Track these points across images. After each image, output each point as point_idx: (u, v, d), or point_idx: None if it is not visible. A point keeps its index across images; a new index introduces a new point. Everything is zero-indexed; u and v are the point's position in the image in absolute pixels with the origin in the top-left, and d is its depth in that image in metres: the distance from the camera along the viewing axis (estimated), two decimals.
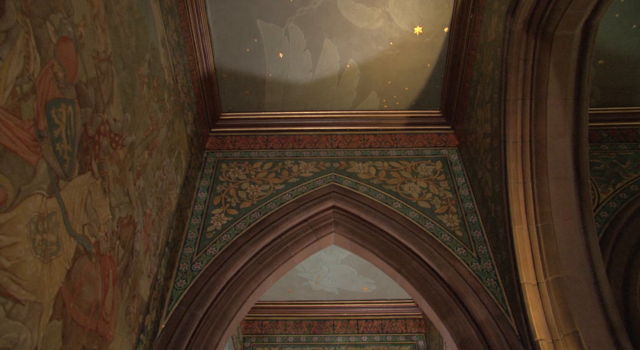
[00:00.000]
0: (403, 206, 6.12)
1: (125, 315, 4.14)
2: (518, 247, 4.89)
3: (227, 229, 5.89)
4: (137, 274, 4.40)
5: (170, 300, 5.18)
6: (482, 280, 5.31)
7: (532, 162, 4.99)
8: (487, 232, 5.75)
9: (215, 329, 5.14)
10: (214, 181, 6.54)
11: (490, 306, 5.08)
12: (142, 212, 4.55)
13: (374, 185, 6.39)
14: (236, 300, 5.42)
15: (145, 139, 4.70)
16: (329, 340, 9.66)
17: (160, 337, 4.86)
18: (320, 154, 6.90)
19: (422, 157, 6.84)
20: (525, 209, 4.97)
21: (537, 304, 4.66)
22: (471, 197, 6.22)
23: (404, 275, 5.66)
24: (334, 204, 6.26)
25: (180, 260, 5.56)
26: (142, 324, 4.52)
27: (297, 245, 5.99)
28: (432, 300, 5.38)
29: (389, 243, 5.91)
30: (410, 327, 9.81)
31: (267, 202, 6.21)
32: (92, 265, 3.53)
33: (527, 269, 4.81)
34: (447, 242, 5.71)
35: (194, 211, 6.13)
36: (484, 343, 4.89)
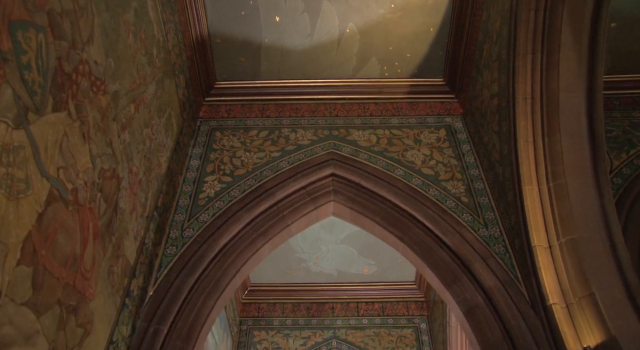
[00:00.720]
0: (405, 173, 5.83)
1: (108, 274, 3.84)
2: (529, 209, 4.60)
3: (220, 196, 5.60)
4: (121, 233, 4.11)
5: (160, 267, 4.89)
6: (489, 246, 5.02)
7: (543, 120, 4.69)
8: (495, 198, 5.45)
9: (207, 297, 4.85)
10: (207, 149, 6.24)
11: (499, 272, 4.79)
12: (127, 168, 4.26)
13: (374, 153, 6.09)
14: (229, 268, 5.13)
15: (132, 91, 4.40)
16: (328, 323, 9.37)
17: (147, 304, 4.57)
18: (319, 122, 6.60)
19: (425, 125, 6.55)
20: (535, 169, 4.68)
21: (549, 267, 4.37)
22: (477, 164, 5.92)
23: (407, 243, 5.37)
24: (333, 172, 5.96)
25: (171, 227, 5.27)
26: (128, 288, 4.23)
27: (294, 213, 5.69)
28: (437, 269, 5.10)
29: (390, 211, 5.61)
30: (412, 310, 9.52)
31: (263, 169, 5.92)
32: (69, 214, 3.24)
33: (538, 231, 4.52)
34: (453, 209, 5.42)
35: (185, 178, 5.84)
36: (492, 310, 4.60)
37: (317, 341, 9.09)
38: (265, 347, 9.08)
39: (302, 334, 9.21)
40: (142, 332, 4.36)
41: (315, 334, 9.20)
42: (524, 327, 4.37)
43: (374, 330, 9.23)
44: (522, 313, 4.46)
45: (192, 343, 4.55)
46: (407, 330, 9.26)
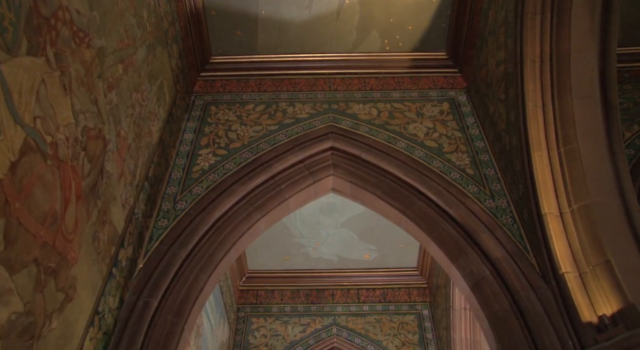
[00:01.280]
0: (408, 146, 5.59)
1: (93, 240, 3.61)
2: (538, 176, 4.37)
3: (214, 169, 5.36)
4: (108, 198, 3.88)
5: (150, 240, 4.66)
6: (497, 218, 4.79)
7: (553, 82, 4.46)
8: (501, 169, 5.22)
9: (200, 272, 4.62)
10: (202, 122, 6.01)
11: (507, 243, 4.55)
12: (114, 130, 4.03)
13: (375, 126, 5.86)
14: (224, 242, 4.89)
15: (119, 51, 4.17)
16: (328, 309, 9.14)
17: (137, 277, 4.34)
18: (318, 96, 6.37)
19: (427, 98, 6.31)
20: (545, 134, 4.45)
21: (561, 235, 4.13)
22: (482, 137, 5.69)
23: (410, 217, 5.14)
24: (332, 145, 5.73)
25: (163, 199, 5.03)
26: (115, 257, 4.00)
27: (292, 187, 5.46)
28: (442, 242, 4.86)
29: (392, 184, 5.38)
30: (414, 296, 9.29)
31: (259, 142, 5.69)
32: (48, 169, 3.01)
33: (548, 198, 4.28)
34: (457, 180, 5.18)
35: (179, 151, 5.60)
36: (500, 282, 4.37)
37: (317, 328, 8.86)
38: (263, 334, 8.85)
39: (302, 321, 8.98)
40: (130, 304, 4.13)
41: (315, 320, 8.97)
42: (534, 298, 4.13)
43: (375, 317, 9.00)
44: (531, 284, 4.23)
45: (184, 318, 4.31)
46: (409, 316, 9.03)
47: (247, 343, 8.73)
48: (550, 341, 3.84)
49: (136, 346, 3.91)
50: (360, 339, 8.66)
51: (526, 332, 4.01)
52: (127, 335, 3.94)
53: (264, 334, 8.84)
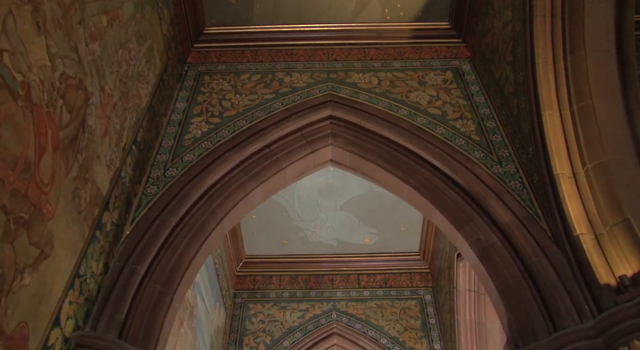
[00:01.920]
0: (410, 113, 5.34)
1: (73, 197, 3.35)
2: (549, 136, 4.11)
3: (207, 137, 5.10)
4: (90, 154, 3.62)
5: (138, 206, 4.40)
6: (505, 183, 4.53)
7: (565, 37, 4.20)
8: (509, 135, 4.96)
9: (191, 240, 4.36)
10: (195, 92, 5.75)
11: (516, 208, 4.30)
12: (98, 84, 3.77)
13: (376, 94, 5.60)
14: (216, 211, 4.64)
15: (103, 0, 3.90)
16: (328, 295, 8.87)
17: (123, 244, 4.08)
18: (316, 66, 6.11)
19: (430, 67, 6.05)
20: (556, 92, 4.20)
21: (575, 197, 3.87)
22: (488, 104, 5.43)
23: (413, 185, 4.88)
24: (331, 114, 5.47)
25: (152, 167, 4.78)
26: (99, 220, 3.74)
27: (289, 156, 5.20)
28: (447, 210, 4.60)
29: (394, 152, 5.12)
30: (416, 281, 9.02)
31: (255, 110, 5.43)
32: (19, 110, 2.75)
33: (560, 159, 4.02)
34: (463, 146, 4.93)
35: (170, 120, 5.34)
36: (509, 248, 4.11)
37: (316, 313, 8.59)
38: (260, 319, 8.59)
39: (300, 307, 8.71)
40: (116, 271, 3.87)
41: (314, 306, 8.71)
42: (547, 264, 3.87)
43: (376, 302, 8.73)
44: (543, 249, 3.97)
45: (174, 287, 4.05)
46: (411, 301, 8.76)
47: (244, 329, 8.47)
48: (565, 307, 3.58)
49: (120, 314, 3.65)
50: (361, 324, 8.39)
51: (539, 299, 3.75)
52: (111, 303, 3.68)
53: (262, 320, 8.57)
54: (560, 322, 3.52)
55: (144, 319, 3.75)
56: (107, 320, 3.57)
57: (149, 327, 3.74)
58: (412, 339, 8.22)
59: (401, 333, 8.30)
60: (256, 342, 8.27)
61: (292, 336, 8.29)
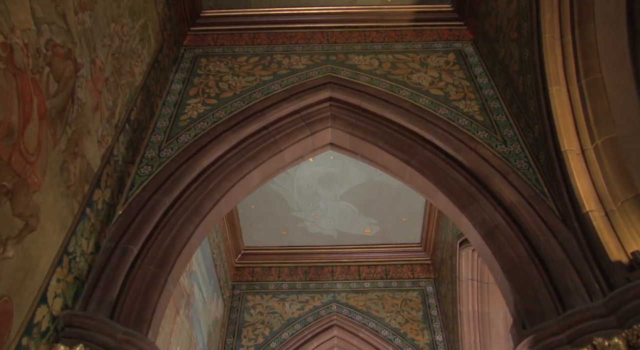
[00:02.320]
0: (412, 94, 5.20)
1: (61, 170, 3.22)
2: (557, 112, 3.97)
3: (203, 117, 4.97)
4: (80, 128, 3.48)
5: (132, 186, 4.26)
6: (510, 162, 4.39)
7: (573, 9, 4.06)
8: (513, 115, 4.82)
9: (186, 221, 4.22)
10: (191, 74, 5.61)
11: (522, 187, 4.15)
12: (88, 56, 3.63)
13: (376, 75, 5.46)
14: (213, 192, 4.50)
15: None
16: (328, 286, 8.72)
17: (116, 223, 3.94)
18: (315, 48, 5.97)
19: (432, 50, 5.91)
20: (563, 67, 4.05)
21: (583, 173, 3.73)
22: (491, 85, 5.29)
23: (415, 166, 4.74)
24: (330, 96, 5.33)
25: (147, 147, 4.64)
26: (89, 197, 3.60)
27: (287, 138, 5.06)
28: (450, 191, 4.47)
29: (395, 133, 4.98)
30: (418, 273, 8.88)
31: (252, 92, 5.29)
32: (1, 73, 2.61)
33: (568, 136, 3.88)
34: (466, 126, 4.79)
35: (165, 101, 5.20)
36: (514, 228, 3.97)
37: (316, 305, 8.45)
38: (259, 311, 8.45)
39: (300, 298, 8.57)
40: (108, 251, 3.73)
41: (314, 298, 8.56)
42: (554, 243, 3.73)
43: (377, 294, 8.58)
44: (551, 229, 3.83)
45: (168, 269, 3.91)
46: (413, 293, 8.62)
47: (243, 321, 8.32)
48: (574, 286, 3.44)
49: (112, 294, 3.51)
50: (362, 316, 8.25)
51: (546, 278, 3.61)
52: (102, 283, 3.54)
53: (260, 312, 8.43)
54: (570, 301, 3.38)
55: (137, 300, 3.61)
56: (98, 301, 3.44)
57: (142, 308, 3.60)
58: (413, 330, 8.08)
59: (402, 325, 8.16)
60: (255, 334, 8.13)
61: (292, 328, 8.15)
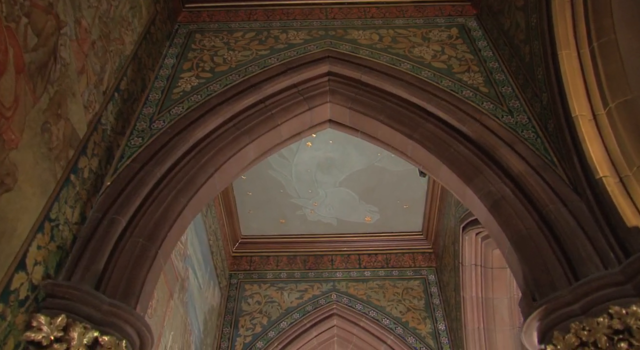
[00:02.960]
0: (413, 67, 5.01)
1: (42, 131, 3.02)
2: (567, 77, 3.78)
3: (197, 90, 4.78)
4: (64, 89, 3.29)
5: (121, 158, 4.07)
6: (517, 133, 4.20)
7: None
8: (520, 86, 4.64)
9: (178, 194, 4.03)
10: (185, 48, 5.42)
11: (530, 157, 3.96)
12: (72, 15, 3.43)
13: (377, 50, 5.27)
14: (206, 166, 4.30)
15: None
16: (327, 275, 8.53)
17: (103, 194, 3.75)
18: (313, 24, 5.77)
19: (434, 24, 5.71)
20: (574, 30, 3.87)
21: (596, 139, 3.55)
22: (496, 58, 5.10)
23: (417, 140, 4.55)
24: (329, 70, 5.14)
25: (138, 119, 4.45)
26: (75, 163, 3.41)
27: (284, 112, 4.87)
28: (454, 163, 4.28)
29: (396, 107, 4.79)
30: (419, 261, 8.68)
31: (248, 65, 5.10)
32: None
33: (579, 101, 3.69)
34: (470, 98, 4.60)
35: (158, 75, 5.01)
36: (522, 199, 3.78)
37: (315, 294, 8.25)
38: (257, 300, 8.25)
39: (298, 287, 8.37)
40: (94, 221, 3.54)
41: (313, 287, 8.37)
42: (565, 211, 3.54)
43: (378, 283, 8.39)
44: (561, 198, 3.63)
45: (158, 242, 3.72)
46: (414, 282, 8.43)
47: (240, 310, 8.12)
48: (587, 255, 3.25)
49: (98, 265, 3.32)
50: (362, 305, 8.05)
51: (556, 248, 3.42)
52: (88, 254, 3.35)
53: (258, 301, 8.23)
54: (583, 271, 3.19)
55: (125, 272, 3.42)
56: (83, 272, 3.24)
57: (130, 281, 3.41)
58: (415, 319, 7.89)
59: (404, 313, 7.96)
60: (252, 323, 7.93)
61: (290, 317, 7.95)
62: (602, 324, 2.86)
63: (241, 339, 7.72)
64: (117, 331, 3.11)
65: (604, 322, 2.86)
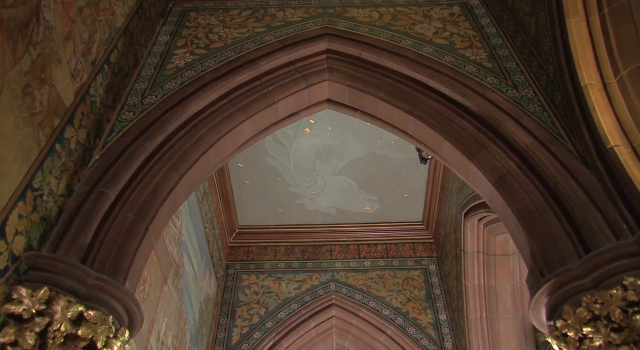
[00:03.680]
0: (415, 43, 4.85)
1: (24, 94, 2.87)
2: (576, 46, 3.63)
3: (192, 66, 4.62)
4: (48, 54, 3.13)
5: (111, 132, 3.91)
6: (522, 107, 4.05)
7: None
8: (525, 61, 4.48)
9: (170, 170, 3.87)
10: (180, 26, 5.26)
11: (537, 130, 3.81)
12: None
13: (377, 27, 5.11)
14: (200, 142, 4.15)
15: None
16: (326, 266, 8.36)
17: (92, 168, 3.59)
18: (312, 2, 5.61)
19: (436, 2, 5.55)
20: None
21: (607, 109, 3.39)
22: (500, 34, 4.94)
23: (419, 117, 4.39)
24: (328, 48, 4.99)
25: (130, 95, 4.29)
26: (61, 133, 3.26)
27: (281, 90, 4.72)
28: (457, 139, 4.12)
29: (397, 84, 4.64)
30: (420, 252, 8.52)
31: (244, 42, 4.94)
32: None
33: (589, 70, 3.54)
34: (474, 73, 4.45)
35: (151, 52, 4.86)
36: (529, 173, 3.62)
37: (314, 285, 8.09)
38: (254, 291, 8.09)
39: (297, 278, 8.21)
40: (82, 194, 3.38)
41: (312, 277, 8.21)
42: (574, 184, 3.39)
43: (378, 273, 8.23)
44: (570, 170, 3.48)
45: (149, 218, 3.56)
46: (415, 272, 8.27)
47: (237, 301, 7.96)
48: (598, 227, 3.09)
49: (84, 239, 3.16)
50: (362, 295, 7.89)
51: (566, 222, 3.26)
52: (74, 228, 3.19)
53: (256, 291, 8.07)
54: (594, 244, 3.03)
55: (113, 247, 3.26)
56: (69, 245, 3.08)
57: (119, 256, 3.25)
58: (416, 310, 7.73)
59: (404, 304, 7.80)
60: (250, 314, 7.77)
61: (288, 308, 7.80)
62: (615, 296, 2.71)
63: (238, 330, 7.56)
64: (103, 307, 2.95)
65: (617, 294, 2.70)
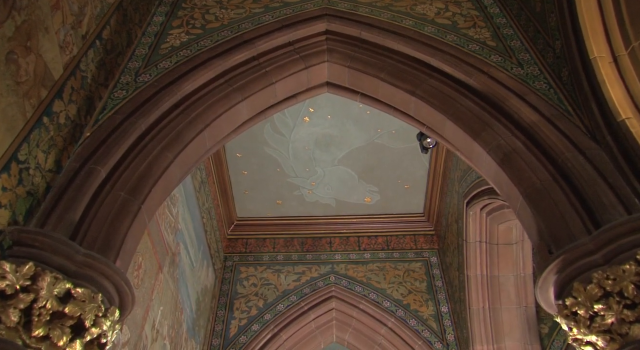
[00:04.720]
0: (416, 23, 4.73)
1: (7, 61, 2.75)
2: (584, 19, 3.51)
3: (187, 46, 4.50)
4: (34, 21, 3.00)
5: (103, 109, 3.79)
6: (527, 84, 3.92)
7: None
8: (530, 39, 4.37)
9: (164, 149, 3.74)
10: (175, 7, 5.13)
11: (543, 107, 3.69)
12: None
13: (377, 7, 4.98)
14: (195, 122, 4.02)
15: None
16: (325, 257, 8.24)
17: (82, 144, 3.46)
18: None
19: None
20: None
21: (617, 82, 3.27)
22: (504, 14, 4.82)
23: (420, 97, 4.27)
24: (327, 29, 4.86)
25: (122, 73, 4.16)
26: (49, 106, 3.13)
27: (279, 70, 4.59)
28: (460, 118, 3.99)
29: (398, 64, 4.51)
30: (421, 243, 8.40)
31: (241, 22, 4.82)
32: None
33: (598, 43, 3.42)
34: (477, 52, 4.33)
35: (146, 31, 4.73)
36: (535, 150, 3.49)
37: (313, 276, 7.97)
38: (253, 283, 7.96)
39: (296, 269, 8.09)
40: (71, 171, 3.25)
41: (311, 269, 8.08)
42: (583, 160, 3.27)
43: (378, 265, 8.11)
44: (578, 146, 3.36)
45: (142, 197, 3.43)
46: (416, 264, 8.15)
47: (235, 292, 7.84)
48: (609, 203, 2.97)
49: (74, 215, 3.03)
50: (362, 287, 7.77)
51: (574, 199, 3.14)
52: (62, 204, 3.06)
53: (254, 283, 7.95)
54: (605, 219, 2.90)
55: (103, 225, 3.13)
56: (56, 220, 2.95)
57: (110, 235, 3.12)
58: (417, 301, 7.61)
59: (405, 296, 7.68)
60: (248, 306, 7.65)
61: (287, 300, 7.67)
62: (628, 271, 2.59)
63: (236, 322, 7.44)
64: (92, 284, 2.82)
65: (630, 269, 2.58)
